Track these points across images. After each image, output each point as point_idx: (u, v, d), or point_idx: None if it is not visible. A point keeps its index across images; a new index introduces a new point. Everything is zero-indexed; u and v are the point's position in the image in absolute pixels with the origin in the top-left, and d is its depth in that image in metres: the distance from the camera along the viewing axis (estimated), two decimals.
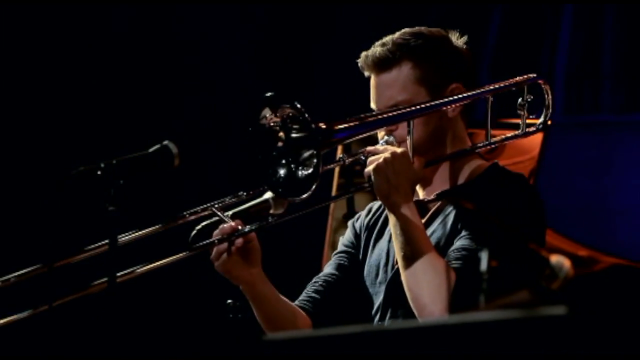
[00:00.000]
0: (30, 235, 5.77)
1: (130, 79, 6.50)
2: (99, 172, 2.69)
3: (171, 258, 3.16)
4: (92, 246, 3.12)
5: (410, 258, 3.07)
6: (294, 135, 3.10)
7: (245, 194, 3.25)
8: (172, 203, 3.70)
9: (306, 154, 3.10)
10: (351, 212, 5.11)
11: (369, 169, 3.12)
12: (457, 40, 3.30)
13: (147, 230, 3.20)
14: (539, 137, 5.20)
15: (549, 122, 3.35)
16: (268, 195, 3.22)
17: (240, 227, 3.17)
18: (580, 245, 5.36)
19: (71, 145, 6.21)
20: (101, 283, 3.07)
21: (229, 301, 3.27)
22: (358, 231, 3.43)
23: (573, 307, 1.82)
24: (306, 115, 3.03)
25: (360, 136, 3.18)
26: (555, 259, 2.34)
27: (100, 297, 2.92)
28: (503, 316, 1.88)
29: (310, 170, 3.08)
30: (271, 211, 3.24)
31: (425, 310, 3.05)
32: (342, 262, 3.41)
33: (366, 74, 3.29)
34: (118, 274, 3.04)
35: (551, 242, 4.95)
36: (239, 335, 3.28)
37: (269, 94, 3.09)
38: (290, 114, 3.07)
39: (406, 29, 3.29)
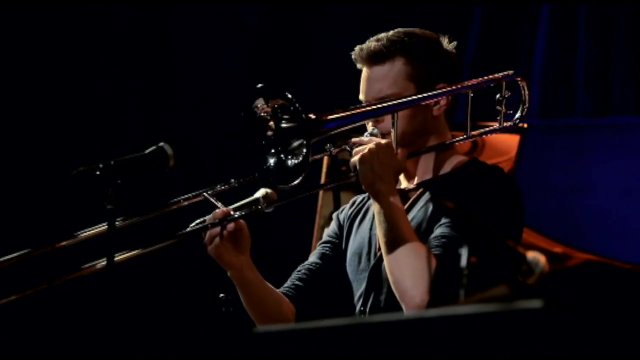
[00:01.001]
0: (31, 235, 5.74)
1: (128, 81, 6.48)
2: (97, 172, 2.69)
3: (167, 241, 3.15)
4: (91, 228, 3.10)
5: (393, 244, 3.07)
6: (284, 125, 3.11)
7: (235, 181, 3.25)
8: (167, 192, 3.68)
9: (296, 144, 3.10)
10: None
11: (355, 159, 3.13)
12: (447, 44, 3.32)
13: (142, 215, 3.19)
14: (516, 139, 5.22)
15: (525, 125, 3.37)
16: (259, 194, 3.22)
17: (232, 213, 3.17)
18: (555, 242, 5.38)
19: (71, 147, 6.19)
20: (100, 262, 3.04)
21: (222, 295, 3.27)
22: (342, 222, 3.45)
23: (548, 301, 1.83)
24: (297, 105, 3.03)
25: (349, 127, 3.18)
26: (531, 255, 2.35)
27: (95, 289, 2.93)
28: (482, 310, 1.88)
29: (299, 159, 3.09)
30: (261, 208, 3.24)
31: (406, 294, 3.05)
32: (325, 251, 3.42)
33: (358, 66, 3.29)
34: (116, 255, 3.02)
35: (527, 239, 4.96)
36: (230, 327, 3.28)
37: (261, 84, 3.09)
38: (282, 104, 3.08)
39: (400, 29, 3.30)
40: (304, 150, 3.06)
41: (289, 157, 3.11)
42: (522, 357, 1.84)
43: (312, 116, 3.06)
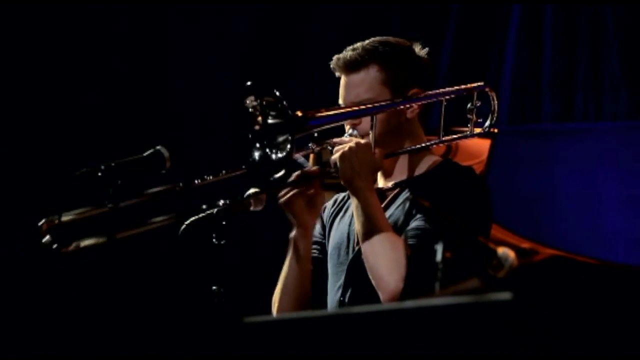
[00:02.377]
0: (32, 235, 5.72)
1: (127, 86, 6.47)
2: (99, 174, 2.70)
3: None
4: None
5: (370, 235, 3.10)
6: (271, 120, 3.11)
7: (224, 172, 3.23)
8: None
9: (281, 139, 3.11)
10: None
11: (335, 156, 3.15)
12: (420, 50, 3.34)
13: (145, 196, 3.09)
14: (487, 143, 5.23)
15: (495, 130, 3.40)
16: (249, 193, 3.21)
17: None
18: (523, 239, 5.39)
19: (74, 149, 6.18)
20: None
21: (214, 287, 3.26)
22: (325, 222, 3.46)
23: (517, 293, 1.83)
24: (284, 102, 3.04)
25: (331, 125, 3.19)
26: (501, 250, 2.35)
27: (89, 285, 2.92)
28: (455, 301, 1.89)
29: (283, 154, 3.10)
30: (251, 208, 3.23)
31: (382, 281, 3.07)
32: (314, 254, 3.42)
33: (337, 74, 3.31)
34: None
35: (497, 236, 4.97)
36: (223, 319, 3.28)
37: (250, 82, 3.10)
38: (269, 101, 3.09)
39: (375, 37, 3.32)
40: (289, 145, 3.07)
41: (274, 151, 3.12)
42: (492, 346, 1.85)
43: (299, 113, 3.08)
